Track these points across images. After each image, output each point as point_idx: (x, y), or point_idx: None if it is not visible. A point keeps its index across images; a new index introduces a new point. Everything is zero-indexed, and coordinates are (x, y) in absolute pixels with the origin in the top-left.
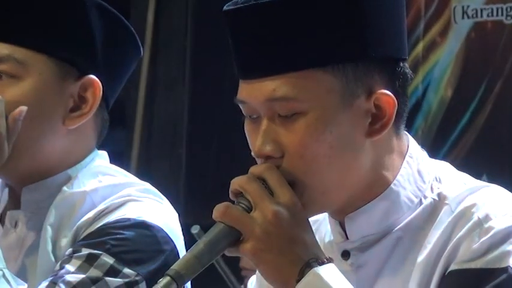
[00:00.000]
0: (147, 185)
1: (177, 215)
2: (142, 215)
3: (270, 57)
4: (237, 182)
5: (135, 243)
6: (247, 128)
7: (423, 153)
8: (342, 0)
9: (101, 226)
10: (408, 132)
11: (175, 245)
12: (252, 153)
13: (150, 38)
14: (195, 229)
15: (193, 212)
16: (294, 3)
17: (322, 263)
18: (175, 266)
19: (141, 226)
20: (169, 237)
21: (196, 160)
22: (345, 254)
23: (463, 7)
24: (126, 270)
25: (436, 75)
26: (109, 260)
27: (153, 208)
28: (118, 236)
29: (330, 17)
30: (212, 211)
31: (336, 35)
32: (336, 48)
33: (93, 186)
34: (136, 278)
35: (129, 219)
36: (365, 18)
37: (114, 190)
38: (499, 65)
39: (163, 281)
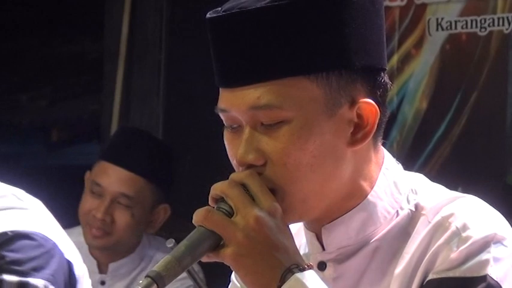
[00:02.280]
0: (2, 188)
1: (45, 212)
2: (14, 226)
3: (253, 64)
4: (218, 187)
5: (23, 253)
6: (227, 137)
7: (398, 166)
8: (326, 9)
9: None
10: (383, 145)
11: (53, 241)
12: (233, 162)
13: (124, 52)
14: (170, 243)
15: (168, 225)
16: (278, 11)
17: (304, 269)
18: (156, 268)
19: (19, 236)
20: (46, 236)
21: None
22: (322, 265)
23: (437, 19)
24: (33, 281)
25: (411, 87)
26: (12, 278)
27: (20, 217)
28: (7, 254)
29: (314, 25)
30: (187, 225)
31: (320, 43)
32: (320, 56)
33: None
34: (47, 285)
35: (5, 233)
36: (348, 28)
37: None
38: (473, 76)
39: (144, 282)
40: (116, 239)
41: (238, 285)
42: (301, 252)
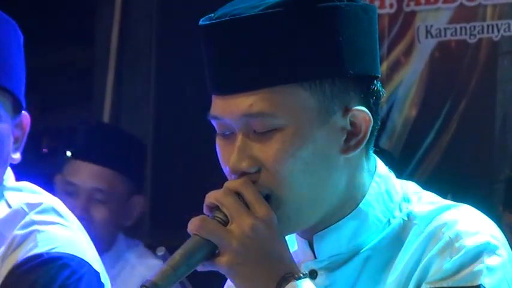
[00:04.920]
0: (45, 201)
1: (82, 230)
2: (51, 246)
3: (246, 72)
4: (212, 196)
5: (53, 281)
6: (219, 144)
7: (391, 174)
8: (319, 17)
9: (12, 269)
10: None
11: (89, 264)
12: (226, 169)
13: (114, 60)
14: (160, 251)
15: (158, 234)
16: (271, 19)
17: (299, 278)
18: (151, 277)
19: (53, 261)
20: (83, 260)
21: (162, 182)
22: (313, 274)
23: (426, 26)
24: None
25: (400, 95)
26: None
27: (59, 235)
28: (38, 279)
29: (307, 33)
30: (177, 233)
31: (313, 51)
32: (313, 64)
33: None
34: None
35: (40, 255)
36: (341, 36)
37: (17, 217)
38: (463, 84)
39: None
40: (94, 235)
41: None
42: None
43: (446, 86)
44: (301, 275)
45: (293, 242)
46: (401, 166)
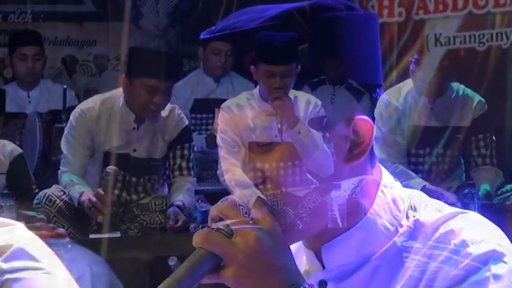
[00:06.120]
0: (12, 243)
1: (54, 260)
2: None
3: None
4: (217, 208)
5: None
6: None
7: (396, 183)
8: (319, 28)
9: None
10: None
11: None
12: None
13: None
14: (172, 260)
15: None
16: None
17: None
18: None
19: None
20: None
21: None
22: (322, 284)
23: (435, 35)
24: None
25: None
26: None
27: (31, 283)
28: None
29: (309, 45)
30: (189, 243)
31: (313, 62)
32: (313, 75)
33: None
34: None
35: None
36: (343, 46)
37: None
38: None
39: None
40: None
41: None
42: (303, 269)
43: None
44: (307, 285)
45: (300, 253)
46: None
